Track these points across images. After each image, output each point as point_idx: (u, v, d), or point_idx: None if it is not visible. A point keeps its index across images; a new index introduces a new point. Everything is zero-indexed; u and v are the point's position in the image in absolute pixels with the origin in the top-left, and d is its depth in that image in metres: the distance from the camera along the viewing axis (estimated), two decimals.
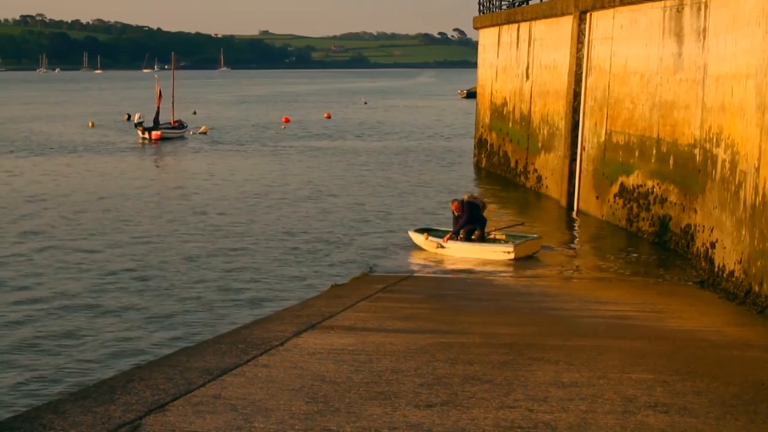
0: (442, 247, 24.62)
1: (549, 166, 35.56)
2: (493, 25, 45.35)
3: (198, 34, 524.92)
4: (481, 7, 49.73)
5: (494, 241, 25.03)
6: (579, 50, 31.57)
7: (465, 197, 25.05)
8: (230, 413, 8.94)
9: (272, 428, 8.52)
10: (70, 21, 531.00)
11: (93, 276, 22.56)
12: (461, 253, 24.46)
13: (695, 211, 22.41)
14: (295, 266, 23.74)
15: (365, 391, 9.95)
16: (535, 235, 25.51)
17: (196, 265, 23.88)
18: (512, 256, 23.77)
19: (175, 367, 10.88)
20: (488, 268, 23.03)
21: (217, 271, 23.19)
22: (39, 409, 9.32)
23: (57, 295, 20.62)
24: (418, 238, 25.52)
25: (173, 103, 68.98)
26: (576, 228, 29.41)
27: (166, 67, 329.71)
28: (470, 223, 24.59)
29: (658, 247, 24.63)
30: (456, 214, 24.72)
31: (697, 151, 22.42)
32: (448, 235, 24.61)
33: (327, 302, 17.23)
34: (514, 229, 26.44)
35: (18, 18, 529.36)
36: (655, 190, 25.28)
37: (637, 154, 26.67)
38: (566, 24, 32.94)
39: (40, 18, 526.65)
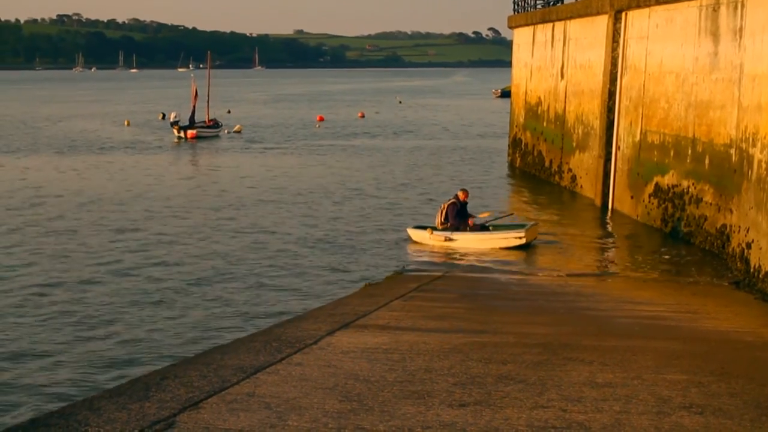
0: (451, 239, 25.35)
1: (584, 165, 35.44)
2: (527, 25, 45.23)
3: (233, 34, 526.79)
4: (516, 7, 49.61)
5: (498, 229, 26.02)
6: (614, 49, 31.45)
7: (462, 196, 26.31)
8: (264, 411, 8.97)
9: (306, 426, 8.53)
10: (106, 20, 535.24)
11: (127, 273, 22.67)
12: (472, 244, 25.31)
13: (731, 211, 22.27)
14: (329, 265, 23.76)
15: (399, 390, 9.95)
16: (533, 222, 26.96)
17: (230, 263, 23.96)
18: (524, 240, 24.94)
19: (210, 365, 10.92)
20: (523, 267, 23.01)
21: (251, 269, 23.25)
22: (74, 405, 9.37)
23: (90, 291, 20.75)
24: (421, 235, 26.13)
25: (208, 102, 69.26)
26: (610, 228, 29.30)
27: (201, 66, 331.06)
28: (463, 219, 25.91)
29: (693, 248, 24.50)
30: (464, 201, 26.08)
31: (733, 151, 22.28)
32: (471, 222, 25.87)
33: (361, 301, 17.23)
34: (503, 219, 27.47)
35: (55, 17, 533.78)
36: (690, 190, 25.14)
37: (672, 153, 26.54)
38: (601, 23, 32.81)
39: (77, 17, 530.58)
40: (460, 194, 26.41)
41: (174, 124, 66.91)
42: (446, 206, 26.03)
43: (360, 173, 44.58)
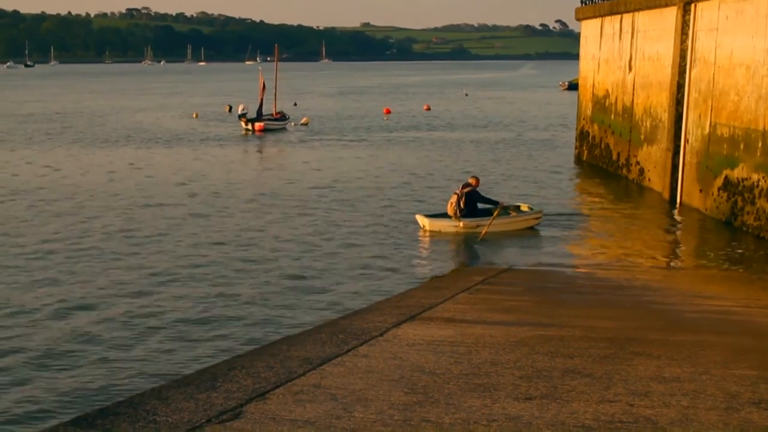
0: (481, 225, 26.69)
1: (652, 158, 35.13)
2: (595, 17, 44.91)
3: (300, 27, 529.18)
4: None
5: (506, 213, 27.83)
6: (683, 41, 31.13)
7: (474, 183, 27.60)
8: (330, 402, 9.00)
9: (371, 418, 8.55)
10: (174, 14, 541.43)
11: (195, 264, 22.85)
12: (500, 228, 26.86)
13: None
14: (394, 257, 23.78)
15: (464, 382, 9.94)
16: (516, 203, 29.26)
17: (297, 254, 24.05)
18: (541, 219, 27.75)
19: (276, 356, 10.97)
20: (589, 260, 22.89)
21: (317, 260, 23.33)
22: (143, 395, 9.47)
23: (159, 282, 20.94)
24: (439, 223, 27.18)
25: (276, 94, 69.57)
26: (678, 221, 29.03)
27: (268, 59, 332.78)
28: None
29: (763, 242, 24.20)
30: (475, 187, 27.35)
31: None
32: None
33: (426, 294, 17.22)
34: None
35: (124, 11, 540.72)
36: (760, 183, 24.83)
37: (742, 146, 26.23)
38: (670, 15, 32.48)
39: (146, 11, 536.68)
40: (472, 181, 27.65)
41: (242, 116, 67.35)
42: (463, 192, 27.08)
43: (426, 166, 44.53)
